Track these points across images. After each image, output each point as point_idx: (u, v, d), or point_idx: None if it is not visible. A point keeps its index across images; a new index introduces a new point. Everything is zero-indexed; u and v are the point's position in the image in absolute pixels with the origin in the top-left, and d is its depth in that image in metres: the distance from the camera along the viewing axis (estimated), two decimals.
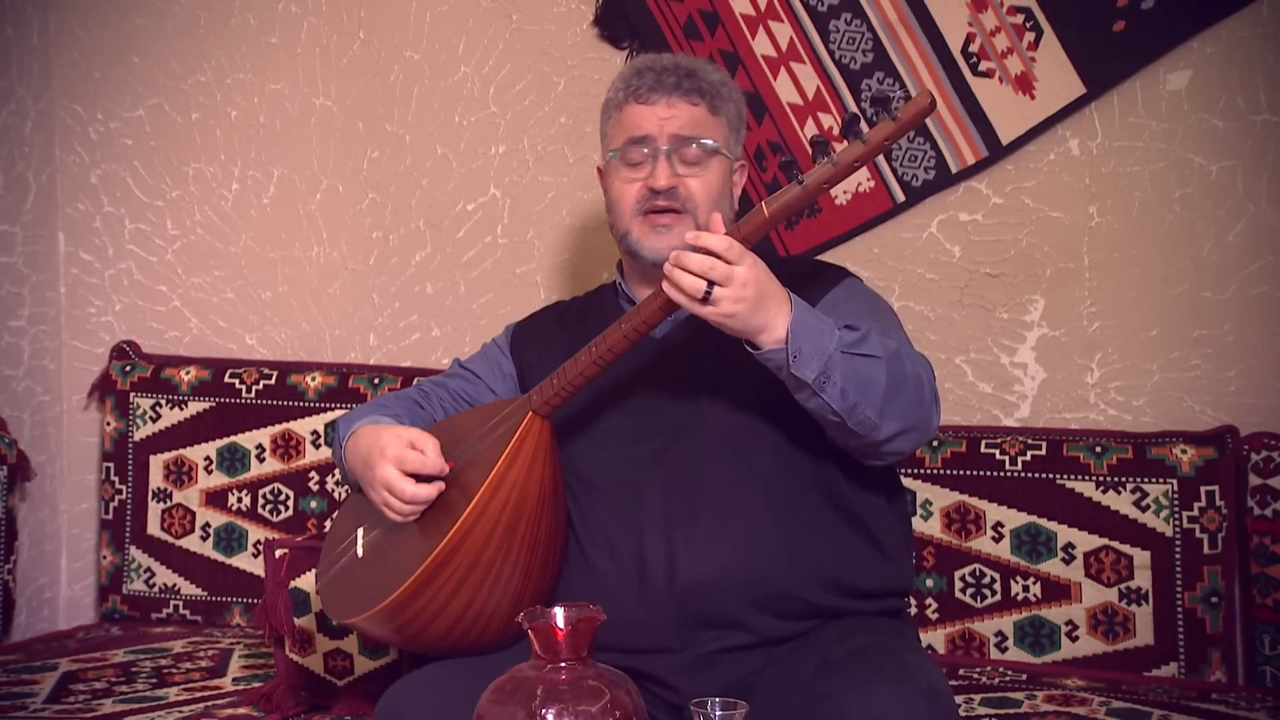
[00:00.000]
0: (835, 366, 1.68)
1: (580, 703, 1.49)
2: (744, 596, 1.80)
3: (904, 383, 1.73)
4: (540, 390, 1.84)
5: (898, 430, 1.75)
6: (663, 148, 1.94)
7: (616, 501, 1.88)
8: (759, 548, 1.81)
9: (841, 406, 1.69)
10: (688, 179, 1.95)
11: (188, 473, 2.87)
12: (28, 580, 2.93)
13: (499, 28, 2.81)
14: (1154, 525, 2.37)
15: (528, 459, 1.82)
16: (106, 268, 3.05)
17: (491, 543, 1.79)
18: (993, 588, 2.44)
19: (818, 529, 1.85)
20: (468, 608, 1.80)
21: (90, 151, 3.04)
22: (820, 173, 1.63)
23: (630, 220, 1.97)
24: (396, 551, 1.85)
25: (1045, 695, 2.22)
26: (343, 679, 2.25)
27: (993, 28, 2.54)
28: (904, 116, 1.60)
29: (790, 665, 1.75)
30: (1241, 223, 2.47)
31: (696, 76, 1.98)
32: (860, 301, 1.94)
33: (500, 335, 2.18)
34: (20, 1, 2.92)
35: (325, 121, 2.93)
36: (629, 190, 1.97)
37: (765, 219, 1.65)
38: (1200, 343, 2.50)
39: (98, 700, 2.28)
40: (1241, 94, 2.46)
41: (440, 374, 2.19)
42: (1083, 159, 2.54)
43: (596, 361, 1.79)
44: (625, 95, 1.99)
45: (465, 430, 1.92)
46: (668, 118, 1.95)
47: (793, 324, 1.66)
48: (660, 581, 1.81)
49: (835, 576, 1.84)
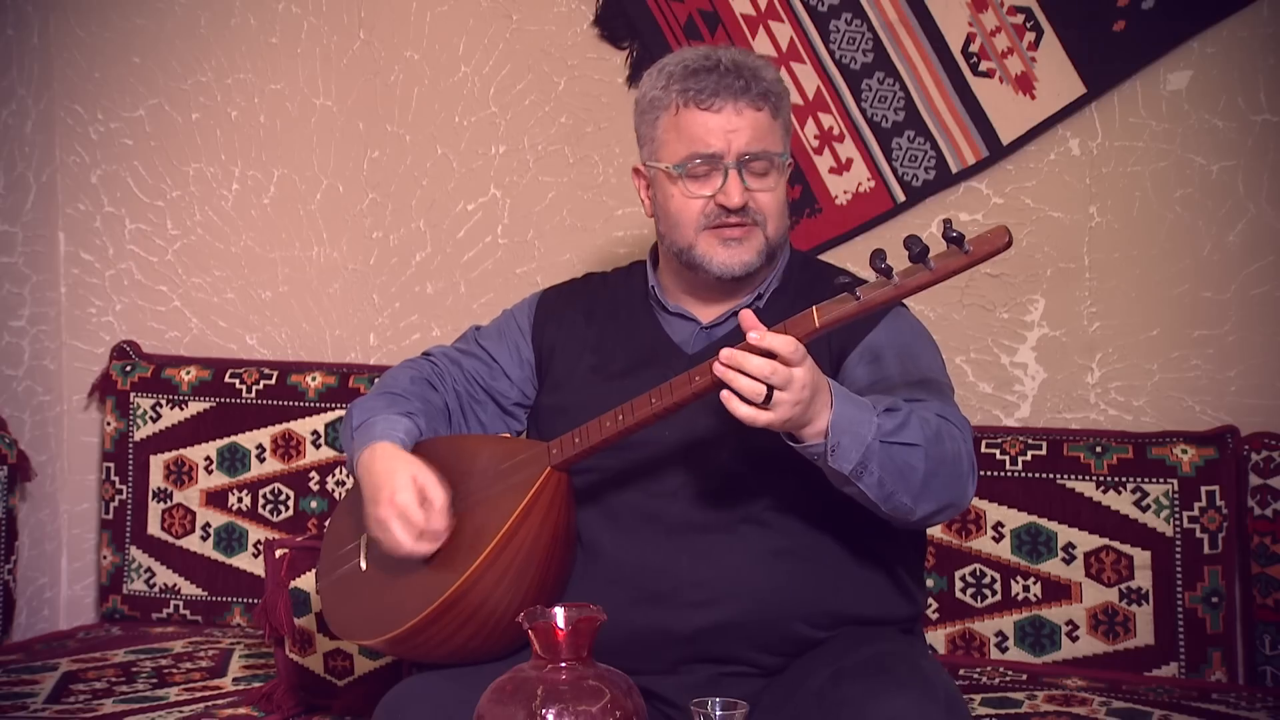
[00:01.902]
0: (873, 457, 1.64)
1: (581, 703, 1.49)
2: (752, 641, 1.79)
3: (943, 464, 1.70)
4: (561, 447, 1.80)
5: (933, 511, 1.73)
6: (733, 162, 1.83)
7: (630, 533, 1.85)
8: (776, 590, 1.78)
9: (878, 495, 1.67)
10: (757, 193, 1.86)
11: (188, 473, 2.87)
12: (28, 580, 2.93)
13: (499, 28, 2.81)
14: (1154, 525, 2.36)
15: (543, 512, 1.80)
16: (107, 268, 3.05)
17: (500, 586, 1.77)
18: (993, 588, 2.44)
19: (836, 568, 1.82)
20: (471, 639, 1.79)
21: (91, 151, 3.04)
22: (879, 293, 1.58)
23: (696, 235, 1.87)
24: (404, 579, 1.83)
25: (1045, 695, 2.22)
26: (343, 679, 2.25)
27: (993, 28, 2.54)
28: (976, 253, 1.55)
29: (799, 675, 1.73)
30: (1242, 223, 2.47)
31: (760, 79, 1.85)
32: (901, 341, 1.87)
33: (522, 308, 2.10)
34: (21, 2, 2.92)
35: (325, 121, 2.92)
36: (693, 205, 1.86)
37: (815, 327, 1.60)
38: (1201, 343, 2.49)
39: (98, 700, 2.28)
40: (1242, 94, 2.45)
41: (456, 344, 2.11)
42: (1083, 159, 2.53)
43: (621, 431, 1.75)
44: (683, 99, 1.85)
45: (480, 459, 1.88)
46: (735, 130, 1.83)
47: (834, 418, 1.62)
48: (671, 620, 1.79)
49: (850, 615, 1.81)
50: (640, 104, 1.94)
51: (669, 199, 1.89)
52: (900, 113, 2.60)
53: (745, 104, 1.84)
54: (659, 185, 1.91)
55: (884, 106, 2.61)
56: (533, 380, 2.05)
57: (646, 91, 1.92)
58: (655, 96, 1.90)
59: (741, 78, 1.85)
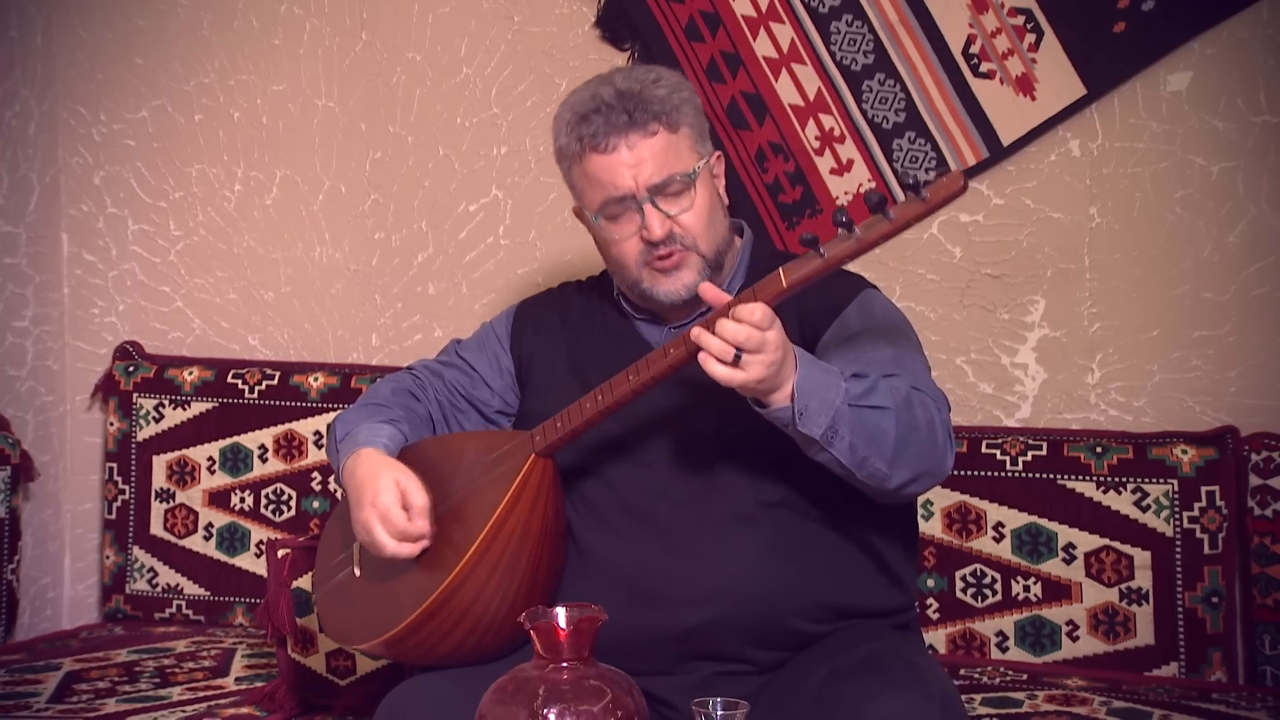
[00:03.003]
0: (843, 420, 1.65)
1: (582, 702, 1.49)
2: (746, 636, 1.79)
3: (915, 431, 1.70)
4: (543, 433, 1.82)
5: (909, 478, 1.73)
6: (643, 199, 1.84)
7: (620, 531, 1.86)
8: (765, 584, 1.79)
9: (850, 461, 1.67)
10: (679, 217, 1.87)
11: (190, 473, 2.87)
12: (31, 580, 2.93)
13: (501, 29, 2.81)
14: (1154, 525, 2.36)
15: (530, 500, 1.81)
16: (110, 268, 3.06)
17: (493, 580, 1.78)
18: (993, 588, 2.44)
19: (826, 561, 1.83)
20: (468, 636, 1.80)
21: (94, 153, 3.04)
22: (841, 246, 1.60)
23: (638, 271, 1.90)
24: (396, 581, 1.84)
25: (1046, 695, 2.22)
26: (345, 679, 2.26)
27: (993, 29, 2.54)
28: (933, 199, 1.56)
29: (797, 673, 1.74)
30: (1242, 224, 2.47)
31: (646, 103, 1.85)
32: (876, 323, 1.89)
33: (500, 320, 2.13)
34: (24, 3, 2.93)
35: (328, 123, 2.93)
36: (626, 247, 1.88)
37: (783, 288, 1.61)
38: (1201, 343, 2.49)
39: (101, 700, 2.28)
40: (1242, 95, 2.45)
41: (437, 357, 2.13)
42: (1083, 160, 2.53)
43: (602, 411, 1.77)
44: (580, 145, 1.87)
45: (463, 455, 1.90)
46: (635, 164, 1.84)
47: (799, 381, 1.63)
48: (662, 618, 1.80)
49: (842, 606, 1.82)
50: (557, 155, 1.96)
51: (604, 244, 1.94)
52: (901, 114, 2.60)
53: (637, 136, 1.85)
54: (594, 231, 1.95)
55: (885, 108, 2.61)
56: (514, 388, 2.07)
57: (557, 142, 1.94)
58: (562, 146, 1.93)
59: (625, 111, 1.85)
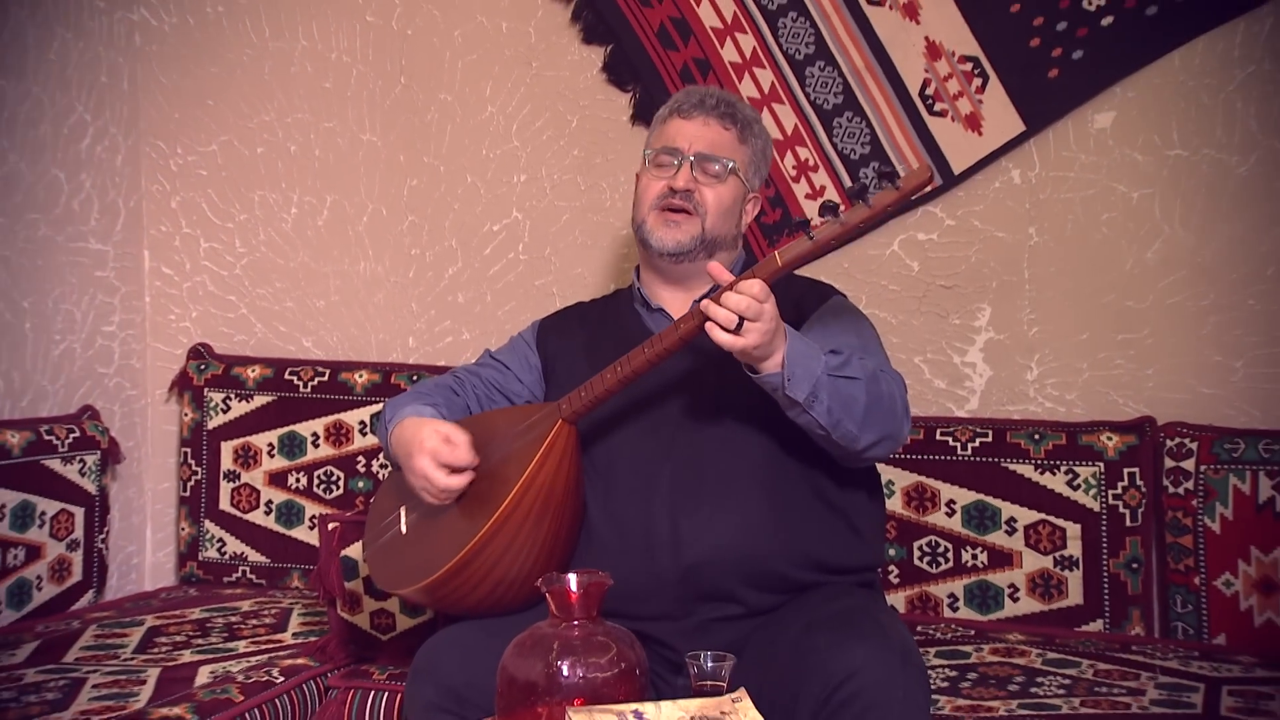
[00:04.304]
0: (822, 388, 1.68)
1: (591, 655, 1.51)
2: (738, 575, 1.80)
3: (880, 400, 1.74)
4: (569, 401, 1.83)
5: (874, 440, 1.76)
6: (689, 157, 1.94)
7: (630, 489, 1.87)
8: (753, 533, 1.81)
9: (827, 422, 1.70)
10: (704, 188, 1.94)
11: (253, 457, 2.87)
12: (118, 548, 2.94)
13: (521, 74, 2.82)
14: (1084, 502, 2.37)
15: (556, 461, 1.82)
16: (184, 280, 3.06)
17: (522, 532, 1.79)
18: (946, 556, 2.44)
19: (804, 516, 1.85)
20: (498, 584, 1.81)
21: (171, 181, 3.05)
22: (829, 230, 1.63)
23: (647, 212, 1.97)
24: (438, 534, 1.85)
25: (991, 648, 2.23)
26: (386, 634, 2.26)
27: (945, 74, 2.55)
28: (905, 187, 1.60)
29: (779, 626, 1.75)
30: (1158, 242, 2.48)
31: (734, 106, 1.99)
32: (845, 319, 1.93)
33: (527, 330, 2.16)
34: (114, 55, 2.94)
35: (371, 154, 2.93)
36: (653, 186, 1.97)
37: (778, 266, 1.66)
38: (1124, 345, 2.50)
39: (178, 651, 2.29)
40: (1158, 132, 2.46)
41: (472, 364, 2.16)
42: (1023, 187, 2.54)
43: (621, 380, 1.79)
44: (670, 111, 2.00)
45: (499, 427, 1.91)
46: (699, 135, 1.95)
47: (788, 352, 1.67)
48: (666, 560, 1.80)
49: (817, 557, 1.84)
50: (651, 126, 2.07)
51: (638, 183, 2.00)
52: (866, 146, 2.61)
53: (714, 119, 1.97)
54: (639, 178, 2.01)
55: (853, 141, 2.62)
56: (540, 382, 2.08)
57: (656, 115, 2.06)
58: (658, 115, 2.05)
59: (718, 104, 1.98)
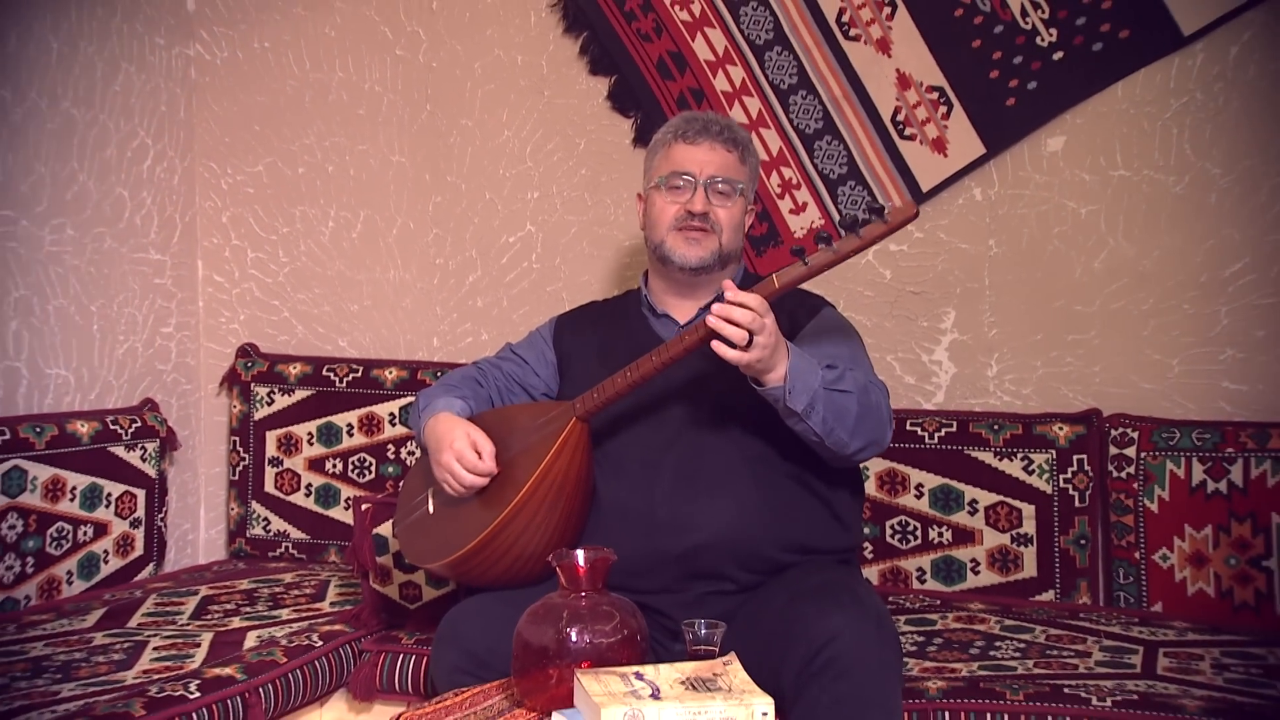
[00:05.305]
0: (819, 399, 1.68)
1: (597, 623, 1.52)
2: (731, 557, 1.80)
3: (870, 410, 1.74)
4: (584, 401, 1.83)
5: (862, 446, 1.76)
6: (702, 180, 1.92)
7: (636, 478, 1.86)
8: (744, 519, 1.80)
9: (822, 430, 1.71)
10: (717, 208, 1.93)
11: (295, 445, 2.87)
12: (175, 526, 2.94)
13: (534, 101, 2.82)
14: (1038, 485, 2.37)
15: (569, 454, 1.82)
16: (234, 287, 3.06)
17: (538, 516, 1.80)
18: (915, 534, 2.44)
19: (792, 505, 1.84)
20: (515, 561, 1.82)
21: (222, 198, 3.04)
22: (822, 258, 1.64)
23: (666, 233, 1.94)
24: (461, 516, 1.85)
25: (955, 616, 2.24)
26: (414, 604, 2.26)
27: (915, 102, 2.56)
28: (893, 221, 1.61)
29: (766, 598, 1.75)
30: (1104, 253, 2.48)
31: (734, 131, 1.97)
32: (836, 330, 1.93)
33: (545, 326, 2.14)
34: (172, 86, 2.94)
35: (400, 174, 2.93)
36: (669, 210, 1.94)
37: (775, 288, 1.66)
38: (1073, 345, 2.50)
39: (229, 617, 2.29)
40: (1103, 155, 2.46)
41: (494, 356, 2.15)
42: (984, 203, 2.54)
43: (630, 384, 1.78)
44: (674, 137, 1.96)
45: (519, 421, 1.91)
46: (708, 160, 1.93)
47: (790, 367, 1.66)
48: (666, 541, 1.80)
49: (803, 542, 1.84)
50: (649, 150, 2.04)
51: (653, 206, 1.97)
52: (844, 167, 2.61)
53: (719, 144, 1.94)
54: (649, 200, 1.99)
55: (832, 162, 2.62)
56: (555, 377, 2.07)
57: (654, 138, 2.02)
58: (659, 139, 2.01)
59: (720, 128, 1.95)
